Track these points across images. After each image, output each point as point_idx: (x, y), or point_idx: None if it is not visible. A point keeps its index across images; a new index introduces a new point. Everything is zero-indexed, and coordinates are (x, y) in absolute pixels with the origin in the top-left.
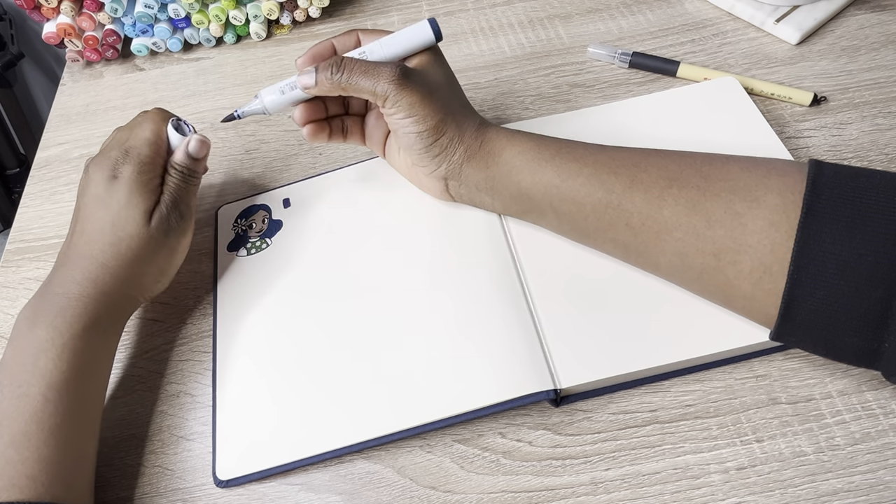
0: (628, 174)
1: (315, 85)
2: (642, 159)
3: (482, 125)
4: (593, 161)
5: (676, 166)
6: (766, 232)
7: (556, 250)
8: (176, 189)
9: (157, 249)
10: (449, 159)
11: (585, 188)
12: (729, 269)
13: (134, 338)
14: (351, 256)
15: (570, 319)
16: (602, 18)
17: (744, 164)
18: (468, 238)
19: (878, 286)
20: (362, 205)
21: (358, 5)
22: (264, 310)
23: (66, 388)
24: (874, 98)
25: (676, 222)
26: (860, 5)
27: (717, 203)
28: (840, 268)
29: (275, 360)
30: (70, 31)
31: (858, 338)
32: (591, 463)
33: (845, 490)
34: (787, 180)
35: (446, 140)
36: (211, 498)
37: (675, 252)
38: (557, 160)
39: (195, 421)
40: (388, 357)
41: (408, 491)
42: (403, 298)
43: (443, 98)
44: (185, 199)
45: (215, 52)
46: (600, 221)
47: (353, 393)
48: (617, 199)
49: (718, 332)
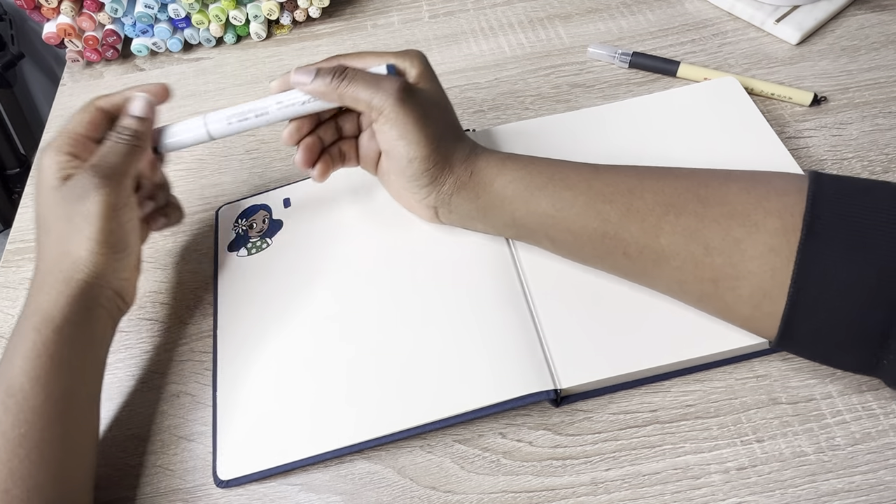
0: (623, 202)
1: (310, 83)
2: (637, 184)
3: (472, 153)
4: (586, 188)
5: (672, 190)
6: (765, 258)
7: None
8: (104, 152)
9: (70, 216)
10: (438, 189)
11: (581, 219)
12: (728, 295)
13: (134, 338)
14: (351, 256)
15: (570, 319)
16: (602, 18)
17: (742, 184)
18: (469, 238)
19: (880, 307)
20: (363, 204)
21: (358, 5)
22: (264, 310)
23: (25, 394)
24: (874, 98)
25: (674, 251)
26: (860, 5)
27: (715, 230)
28: (841, 289)
29: (275, 360)
30: (70, 31)
31: (858, 356)
32: (591, 463)
33: (846, 490)
34: (786, 200)
35: (436, 171)
36: (211, 498)
37: (673, 279)
38: (550, 188)
39: (195, 421)
40: (389, 357)
41: (408, 491)
42: (403, 298)
43: (435, 123)
44: (113, 161)
45: (215, 52)
46: (597, 250)
47: (353, 392)
48: (613, 230)
49: (718, 332)
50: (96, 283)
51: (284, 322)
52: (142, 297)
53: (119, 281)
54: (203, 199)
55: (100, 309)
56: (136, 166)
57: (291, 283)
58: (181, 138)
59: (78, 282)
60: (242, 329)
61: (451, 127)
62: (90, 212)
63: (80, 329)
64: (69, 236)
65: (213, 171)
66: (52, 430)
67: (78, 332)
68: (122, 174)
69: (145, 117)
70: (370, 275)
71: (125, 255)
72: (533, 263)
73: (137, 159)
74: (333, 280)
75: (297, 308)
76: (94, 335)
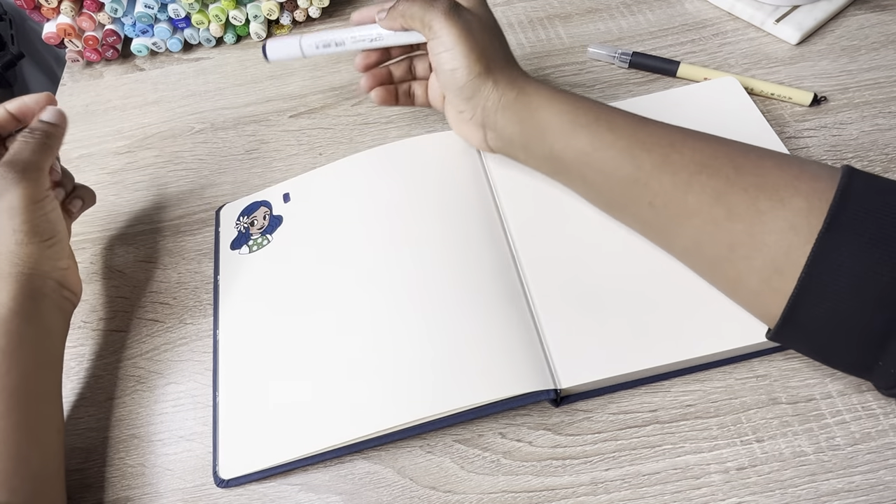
0: (661, 153)
1: (386, 15)
2: (679, 140)
3: (522, 77)
4: (629, 134)
5: (711, 152)
6: (784, 233)
7: (557, 250)
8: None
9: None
10: (483, 105)
11: (615, 161)
12: (741, 264)
13: (134, 338)
14: (351, 251)
15: (570, 319)
16: (602, 18)
17: (778, 160)
18: (470, 236)
19: (887, 307)
20: (362, 198)
21: (358, 5)
22: (264, 308)
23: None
24: (874, 98)
25: (697, 209)
26: (860, 5)
27: (741, 197)
28: (853, 283)
29: (276, 358)
30: (70, 31)
31: (855, 353)
32: (591, 463)
33: (845, 490)
34: (817, 186)
35: (479, 82)
36: (211, 498)
37: (691, 238)
38: (593, 127)
39: (195, 421)
40: (389, 354)
41: (408, 491)
42: (404, 296)
43: (483, 41)
44: (27, 157)
45: (215, 52)
46: (625, 196)
47: (354, 390)
48: (645, 177)
49: (718, 332)
50: (35, 274)
51: (284, 320)
52: (142, 297)
53: (58, 271)
54: (203, 199)
55: (46, 300)
56: (49, 161)
57: (291, 281)
58: (281, 54)
59: (16, 275)
60: (243, 328)
61: (499, 48)
62: (12, 205)
63: (29, 322)
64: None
65: (213, 171)
66: (7, 421)
67: (26, 325)
68: (38, 168)
69: (57, 123)
70: (370, 271)
71: (54, 242)
72: (534, 263)
73: (50, 156)
74: (333, 277)
75: (297, 306)
76: (43, 327)
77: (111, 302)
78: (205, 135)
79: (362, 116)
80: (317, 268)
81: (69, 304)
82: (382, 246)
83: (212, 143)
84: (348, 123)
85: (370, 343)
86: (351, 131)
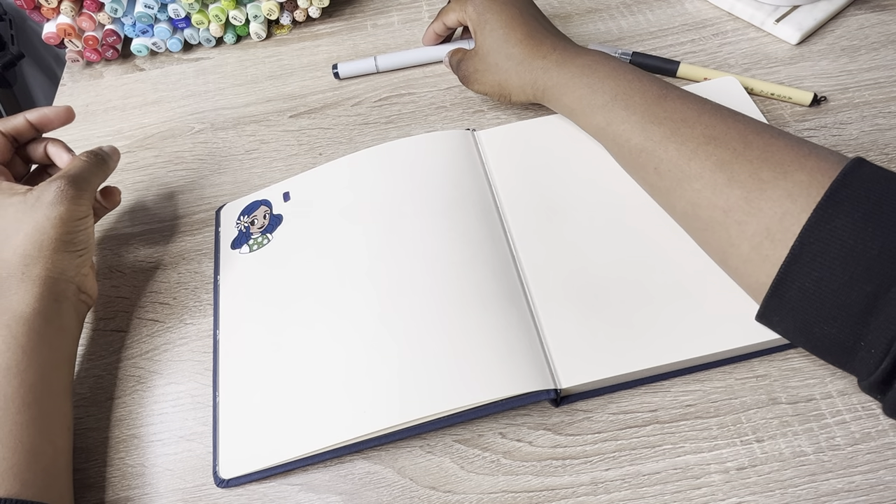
0: (672, 127)
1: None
2: (694, 115)
3: (544, 71)
4: (643, 111)
5: (724, 127)
6: (780, 201)
7: (556, 250)
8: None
9: (36, 220)
10: (506, 102)
11: (627, 133)
12: (733, 228)
13: (134, 338)
14: (351, 250)
15: (570, 319)
16: (602, 18)
17: (791, 140)
18: (470, 236)
19: (873, 279)
20: (362, 197)
21: (358, 5)
22: (264, 307)
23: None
24: (874, 98)
25: (699, 174)
26: (860, 5)
27: (745, 167)
28: (842, 253)
29: (276, 357)
30: (70, 31)
31: (838, 328)
32: (591, 463)
33: (845, 490)
34: (822, 164)
35: (502, 90)
36: (211, 498)
37: (689, 201)
38: (609, 107)
39: (195, 421)
40: (389, 353)
41: (408, 491)
42: (404, 295)
43: (511, 29)
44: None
45: (215, 52)
46: (635, 162)
47: (354, 389)
48: (652, 146)
49: (718, 332)
50: (61, 279)
51: (284, 319)
52: (142, 297)
53: (80, 276)
54: (203, 199)
55: (66, 302)
56: (100, 183)
57: (290, 280)
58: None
59: (45, 279)
60: (243, 328)
61: (529, 38)
62: (62, 217)
63: (50, 322)
64: (32, 239)
65: (213, 171)
66: (25, 415)
67: (47, 325)
68: (92, 188)
69: (115, 154)
70: (369, 269)
71: (84, 252)
72: (534, 263)
73: (103, 179)
74: (333, 276)
75: (296, 305)
76: (62, 327)
77: (111, 302)
78: (205, 135)
79: (362, 116)
80: (317, 266)
81: (84, 307)
82: (382, 245)
83: (212, 143)
84: (348, 123)
85: (370, 342)
86: (351, 131)
